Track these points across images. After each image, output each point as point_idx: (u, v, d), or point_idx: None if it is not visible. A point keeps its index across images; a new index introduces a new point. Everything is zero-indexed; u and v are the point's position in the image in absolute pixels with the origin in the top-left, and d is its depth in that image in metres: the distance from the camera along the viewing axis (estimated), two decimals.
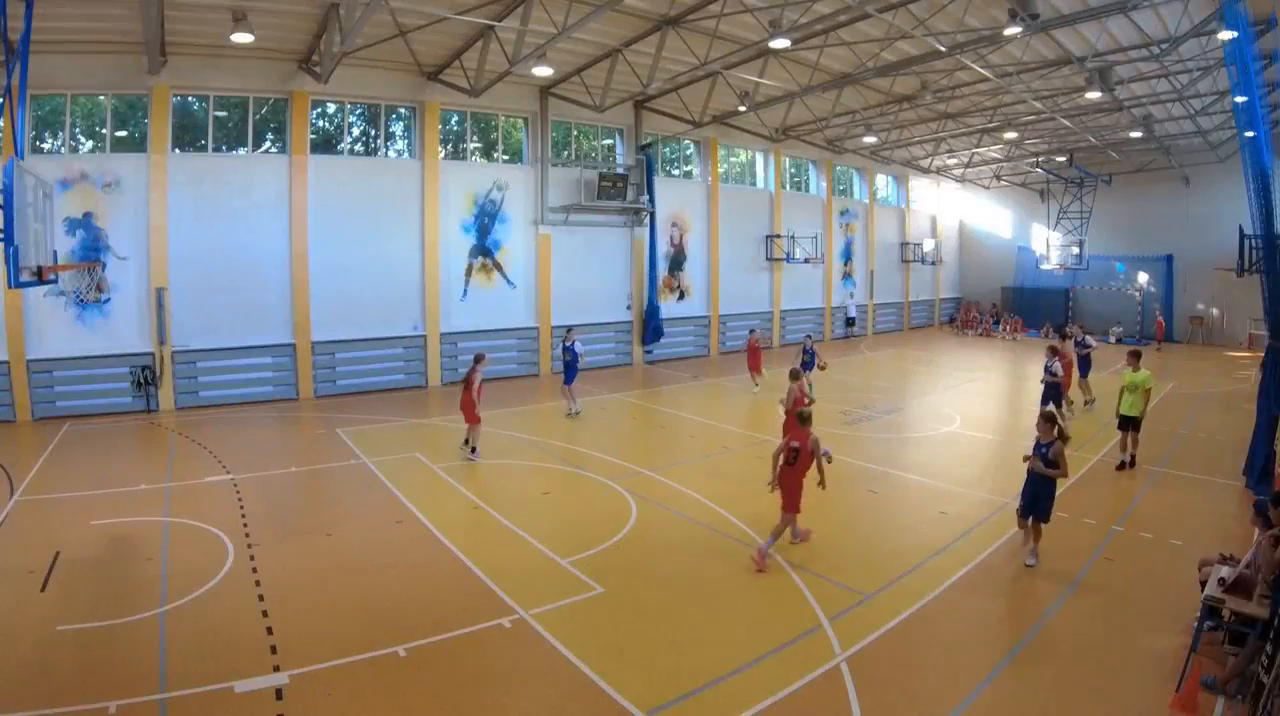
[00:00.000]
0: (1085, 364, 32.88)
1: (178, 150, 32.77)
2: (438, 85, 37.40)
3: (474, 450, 24.67)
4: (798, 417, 17.28)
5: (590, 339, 41.79)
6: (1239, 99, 26.34)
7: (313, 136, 35.67)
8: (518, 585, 15.15)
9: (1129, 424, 23.85)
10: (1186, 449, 26.92)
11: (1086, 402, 32.71)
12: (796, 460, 16.49)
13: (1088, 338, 33.98)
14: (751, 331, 35.52)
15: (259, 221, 34.09)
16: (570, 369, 31.72)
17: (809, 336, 35.72)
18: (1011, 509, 18.88)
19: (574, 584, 15.33)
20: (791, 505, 16.60)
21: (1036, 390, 37.84)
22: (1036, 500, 16.18)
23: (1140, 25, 30.07)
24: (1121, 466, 23.93)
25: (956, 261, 73.60)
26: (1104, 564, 16.54)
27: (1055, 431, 16.17)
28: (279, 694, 11.26)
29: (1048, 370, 29.29)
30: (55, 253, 19.19)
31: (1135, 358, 24.69)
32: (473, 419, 24.61)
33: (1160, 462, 24.75)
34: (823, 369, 34.98)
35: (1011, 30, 27.14)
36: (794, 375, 22.77)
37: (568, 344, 31.67)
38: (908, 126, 50.74)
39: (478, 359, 25.18)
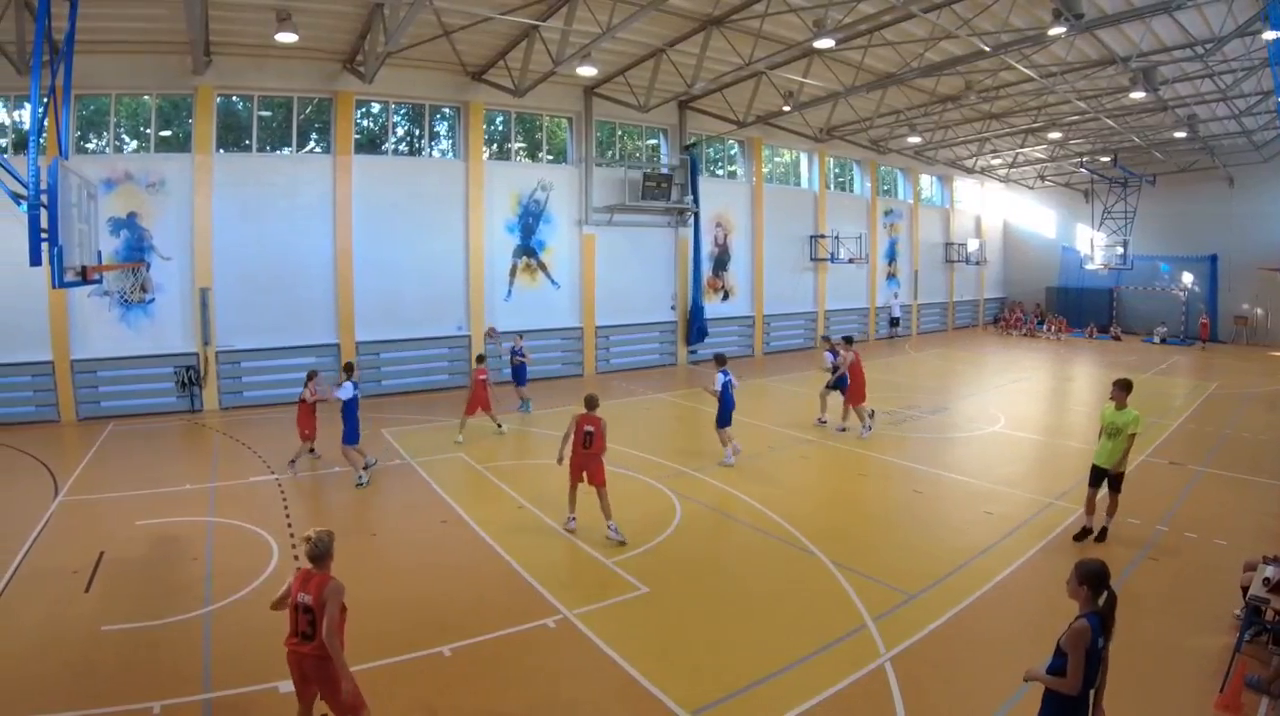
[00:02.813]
0: (843, 381, 29.57)
1: (222, 150, 32.98)
2: (482, 85, 37.39)
3: (292, 462, 23.42)
4: (586, 402, 19.14)
5: (634, 339, 41.74)
6: None
7: (357, 136, 35.80)
8: (562, 585, 15.19)
9: (1102, 478, 17.76)
10: (1230, 449, 26.61)
11: (844, 428, 29.35)
12: (591, 443, 18.37)
13: (835, 351, 30.04)
14: (480, 358, 29.56)
15: (303, 221, 34.29)
16: (348, 419, 23.06)
17: (519, 335, 34.11)
18: (1058, 508, 18.79)
19: (619, 584, 15.30)
20: (601, 480, 18.41)
21: (1084, 390, 37.76)
22: None
23: (1184, 25, 29.87)
24: (1083, 534, 17.79)
25: (1001, 261, 73.10)
26: (1148, 564, 16.41)
27: (1100, 599, 8.53)
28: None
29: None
30: (99, 253, 19.24)
31: (1123, 390, 17.80)
32: (307, 435, 23.50)
33: (1204, 463, 24.48)
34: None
35: (1056, 30, 27.11)
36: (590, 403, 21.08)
37: (335, 391, 23.32)
38: (952, 126, 50.52)
39: (310, 376, 23.91)
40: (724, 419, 24.91)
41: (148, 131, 32.20)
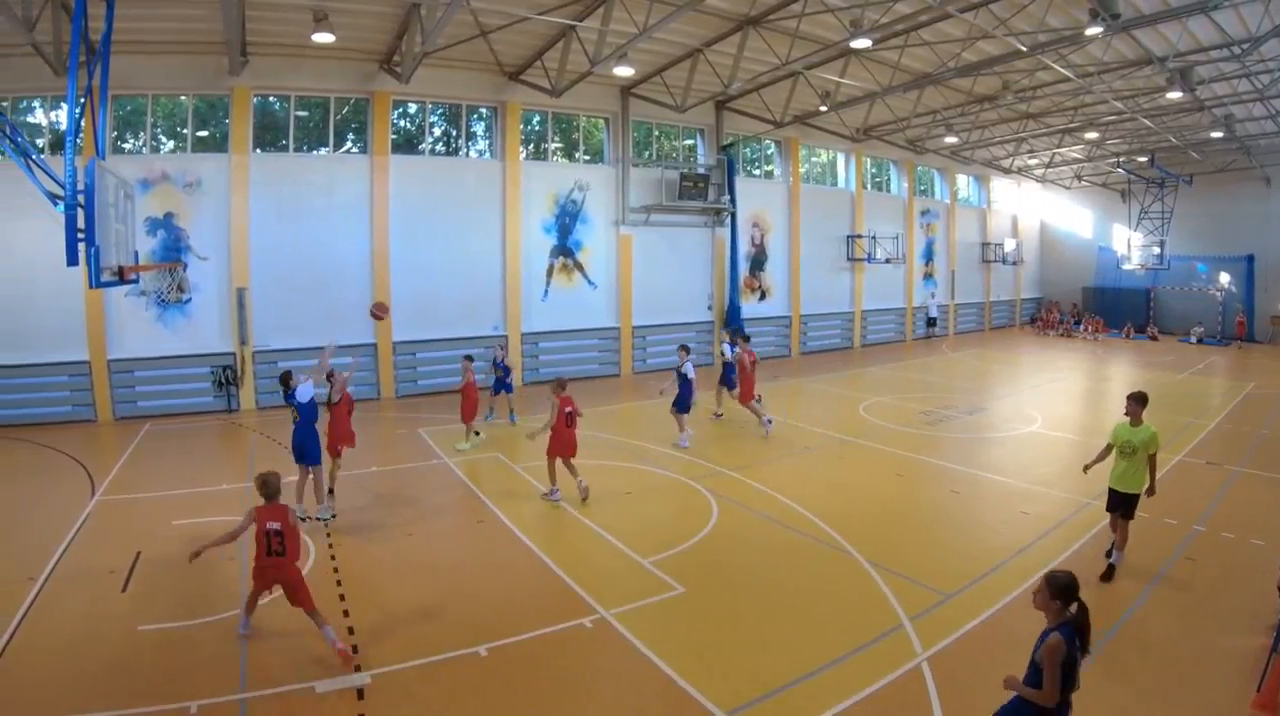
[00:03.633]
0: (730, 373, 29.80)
1: (259, 150, 33.11)
2: (519, 85, 37.42)
3: (330, 491, 19.48)
4: (560, 384, 20.65)
5: (671, 339, 41.64)
6: None
7: (394, 137, 35.85)
8: (599, 585, 15.10)
9: (1121, 504, 15.87)
10: (1268, 449, 26.28)
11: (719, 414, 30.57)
12: (573, 422, 20.35)
13: (734, 343, 30.18)
14: (469, 358, 27.78)
15: (340, 221, 34.42)
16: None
17: (500, 345, 33.61)
18: (1095, 508, 18.58)
19: (655, 583, 15.22)
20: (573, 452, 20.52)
21: (1121, 391, 37.79)
22: None
23: (1221, 25, 29.71)
24: (1110, 572, 15.55)
25: (1037, 261, 72.78)
26: (1185, 564, 16.25)
27: (1071, 609, 8.68)
28: (360, 694, 11.28)
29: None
30: (136, 253, 19.36)
31: (1139, 404, 15.95)
32: (338, 448, 19.71)
33: (1241, 463, 24.20)
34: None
35: (1092, 30, 27.03)
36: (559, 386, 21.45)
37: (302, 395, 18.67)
38: (989, 126, 50.30)
39: (330, 375, 19.44)
40: (684, 405, 26.83)
41: (184, 131, 32.35)
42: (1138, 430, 15.74)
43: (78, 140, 15.55)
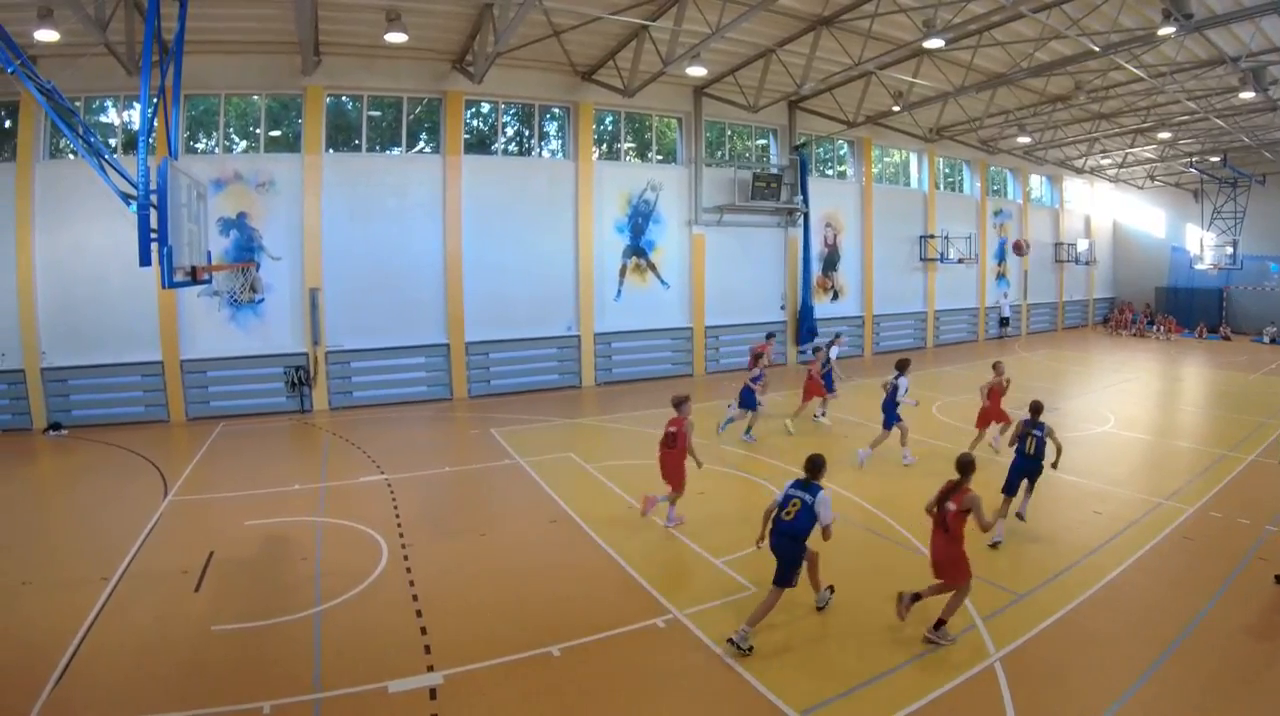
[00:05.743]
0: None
1: (331, 150, 33.22)
2: (591, 85, 37.26)
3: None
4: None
5: (744, 339, 41.50)
6: None
7: (466, 137, 35.78)
8: (672, 585, 15.08)
9: None
10: None
11: None
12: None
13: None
14: (817, 349, 27.66)
15: (413, 222, 34.41)
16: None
17: (838, 335, 33.54)
18: (1168, 507, 18.35)
19: (728, 584, 15.14)
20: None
21: (1194, 391, 37.34)
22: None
23: None
24: None
25: (1110, 261, 72.12)
26: (1257, 564, 15.87)
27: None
28: (433, 694, 11.24)
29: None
30: (209, 253, 19.35)
31: None
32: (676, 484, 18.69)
33: None
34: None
35: (1165, 30, 26.74)
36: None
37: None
38: (1061, 127, 49.85)
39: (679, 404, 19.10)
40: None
41: (257, 131, 32.59)
42: None
43: (150, 140, 15.57)
